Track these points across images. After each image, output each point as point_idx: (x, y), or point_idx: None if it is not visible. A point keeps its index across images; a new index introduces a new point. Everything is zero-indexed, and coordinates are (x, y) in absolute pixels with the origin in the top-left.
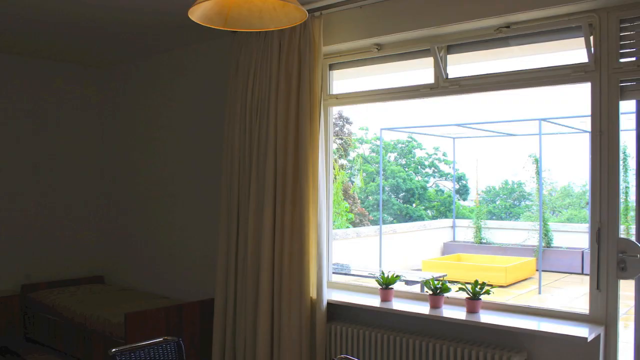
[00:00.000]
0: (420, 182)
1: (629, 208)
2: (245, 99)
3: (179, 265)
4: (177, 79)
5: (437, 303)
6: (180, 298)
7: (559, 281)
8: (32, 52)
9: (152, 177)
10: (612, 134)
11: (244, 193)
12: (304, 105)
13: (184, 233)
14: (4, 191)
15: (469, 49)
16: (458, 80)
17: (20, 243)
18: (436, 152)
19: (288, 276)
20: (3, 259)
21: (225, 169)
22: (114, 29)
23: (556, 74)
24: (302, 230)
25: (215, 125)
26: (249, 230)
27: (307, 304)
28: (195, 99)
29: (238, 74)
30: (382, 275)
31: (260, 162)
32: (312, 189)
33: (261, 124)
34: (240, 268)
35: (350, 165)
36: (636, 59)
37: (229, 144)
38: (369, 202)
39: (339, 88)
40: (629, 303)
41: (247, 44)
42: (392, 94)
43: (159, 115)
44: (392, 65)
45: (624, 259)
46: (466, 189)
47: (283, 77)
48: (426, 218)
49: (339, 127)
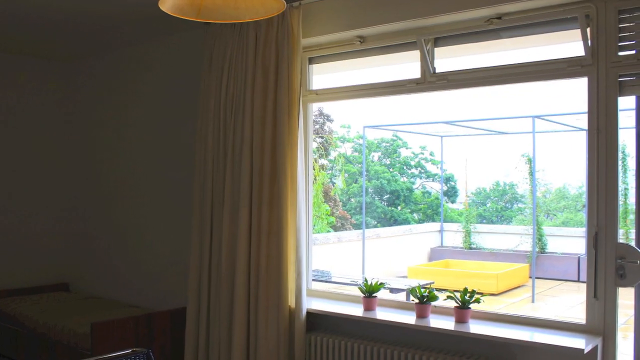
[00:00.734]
0: (406, 183)
1: (628, 211)
2: (220, 94)
3: (148, 272)
4: (146, 73)
5: (424, 312)
6: (150, 307)
7: (553, 289)
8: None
9: (121, 177)
10: (611, 132)
11: (218, 195)
12: (281, 102)
13: (154, 237)
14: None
15: (457, 42)
16: (446, 74)
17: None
18: (423, 152)
19: (265, 283)
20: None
21: (198, 169)
22: (79, 20)
23: (551, 68)
24: (279, 234)
25: (188, 122)
26: (224, 234)
27: (285, 313)
28: (165, 95)
29: (211, 68)
30: (365, 283)
31: (236, 162)
32: (290, 191)
33: (236, 121)
34: (214, 274)
35: (331, 166)
36: (636, 52)
37: (202, 142)
38: (351, 205)
39: (319, 83)
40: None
41: (221, 36)
42: (376, 90)
43: (127, 112)
44: (375, 59)
45: (622, 265)
46: (455, 190)
47: (260, 72)
48: (412, 222)
49: (319, 124)
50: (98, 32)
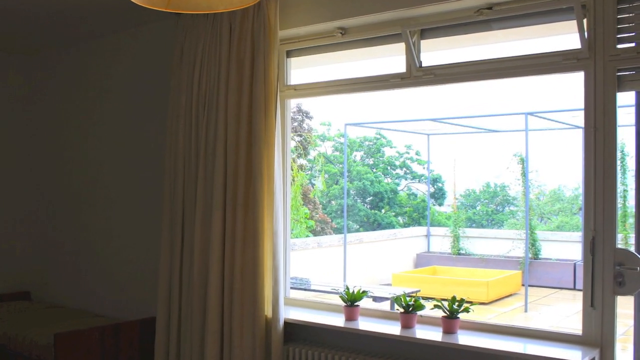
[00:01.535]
0: (390, 184)
1: (627, 214)
2: (191, 90)
3: (115, 279)
4: (113, 67)
5: (410, 322)
6: (118, 316)
7: (547, 297)
8: None
9: (86, 178)
10: (609, 130)
11: (190, 197)
12: (257, 98)
13: (121, 242)
14: None
15: (445, 34)
16: (433, 69)
17: None
18: (408, 151)
19: (240, 291)
20: None
21: (168, 169)
22: (42, 10)
23: (545, 62)
24: (255, 239)
25: (157, 120)
26: (195, 239)
27: (261, 323)
28: (134, 91)
29: (183, 62)
30: (347, 291)
31: (209, 162)
32: (267, 193)
33: (209, 118)
34: (186, 282)
35: (311, 166)
36: (635, 45)
37: (172, 141)
38: (332, 208)
39: (297, 78)
40: (628, 322)
41: (193, 28)
42: (358, 85)
43: (93, 109)
44: (358, 52)
45: (621, 272)
46: (442, 192)
47: (234, 66)
48: (397, 226)
49: (297, 122)
50: (62, 23)
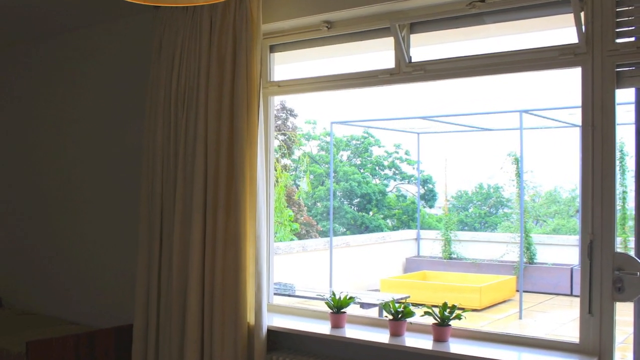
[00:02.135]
0: (379, 185)
1: (626, 217)
2: (170, 86)
3: (90, 285)
4: (88, 63)
5: (399, 330)
6: (93, 324)
7: (543, 304)
8: None
9: (59, 179)
10: (607, 129)
11: (169, 198)
12: (239, 95)
13: (97, 246)
14: None
15: (436, 28)
16: (423, 64)
17: None
18: (397, 151)
19: (221, 298)
20: None
21: (146, 170)
22: (12, 1)
23: (540, 57)
24: (237, 242)
25: (134, 117)
26: (174, 242)
27: (243, 331)
28: (110, 87)
29: (161, 57)
30: (333, 297)
31: (188, 162)
32: (249, 194)
33: (189, 116)
34: (164, 288)
35: (295, 166)
36: (635, 39)
37: (150, 140)
38: (317, 210)
39: (281, 74)
40: (627, 330)
41: (172, 22)
42: (345, 81)
43: (66, 107)
44: (344, 47)
45: (620, 277)
46: (433, 194)
47: (215, 61)
48: (385, 229)
49: (281, 120)
50: (34, 15)
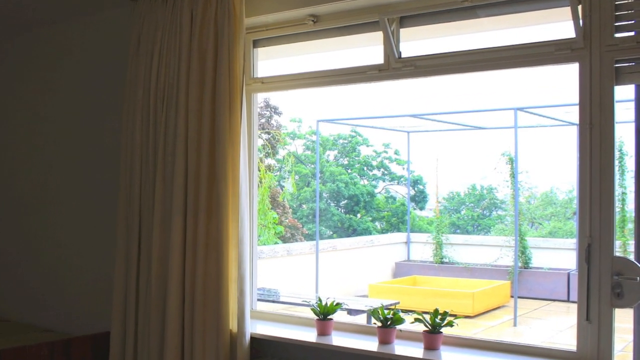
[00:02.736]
0: (367, 187)
1: (626, 219)
2: (149, 83)
3: (66, 291)
4: (62, 58)
5: (388, 337)
6: (68, 331)
7: (539, 310)
8: None
9: (32, 180)
10: (606, 127)
11: (147, 201)
12: (221, 92)
13: (72, 250)
14: None
15: (427, 22)
16: (413, 60)
17: None
18: (386, 150)
19: (202, 304)
20: None
21: (124, 170)
22: None
23: (536, 52)
24: (219, 246)
25: (111, 116)
26: (154, 246)
27: (225, 339)
28: (85, 84)
29: (139, 52)
30: (319, 303)
31: (168, 162)
32: (231, 196)
33: (168, 114)
34: (143, 294)
35: (280, 166)
36: (635, 34)
37: (128, 140)
38: (303, 212)
39: (265, 70)
40: (626, 337)
41: (151, 15)
42: (332, 78)
43: (40, 105)
44: (331, 41)
45: (620, 282)
46: (424, 195)
47: (196, 57)
48: (374, 232)
49: (265, 118)
50: (5, 9)
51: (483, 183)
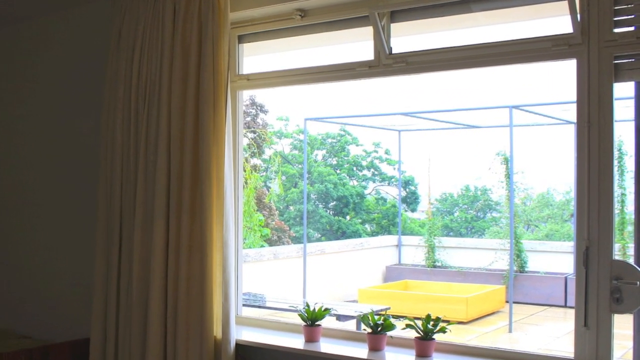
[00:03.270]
0: (356, 187)
1: (625, 221)
2: (130, 80)
3: (44, 296)
4: (41, 54)
5: (378, 344)
6: (47, 337)
7: (535, 316)
8: None
9: (8, 181)
10: (604, 126)
11: (129, 202)
12: (205, 89)
13: (50, 254)
14: None
15: (419, 16)
16: (405, 56)
17: None
18: (377, 150)
19: (185, 309)
20: None
21: (104, 171)
22: None
23: (532, 48)
24: (203, 250)
25: (92, 114)
26: (135, 249)
27: (209, 345)
28: (65, 81)
29: (120, 48)
30: (307, 309)
31: (150, 162)
32: (216, 197)
33: (150, 112)
34: (124, 299)
35: (266, 167)
36: (635, 29)
37: (108, 138)
38: (290, 214)
39: (251, 66)
40: (626, 344)
41: (132, 9)
42: (320, 75)
43: (18, 101)
44: (319, 37)
45: (619, 287)
46: (415, 196)
47: (179, 52)
48: (364, 234)
49: (250, 116)
50: None
51: (477, 184)
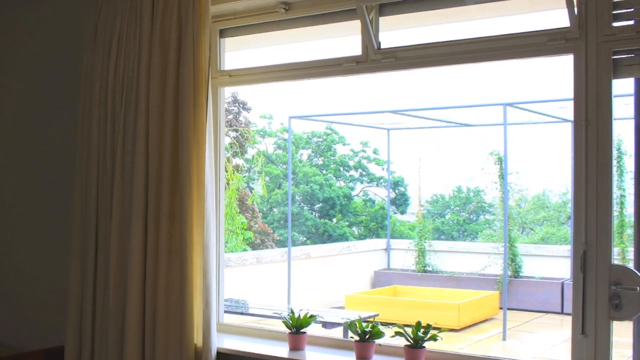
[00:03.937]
0: (343, 189)
1: (624, 224)
2: (107, 76)
3: (16, 302)
4: (13, 49)
5: (366, 352)
6: (19, 345)
7: (530, 323)
8: None
9: None
10: (603, 124)
11: (105, 204)
12: (185, 86)
13: (22, 258)
14: None
15: (408, 9)
16: (394, 51)
17: None
18: (364, 149)
19: (164, 316)
20: None
21: (79, 172)
22: None
23: (527, 43)
24: (183, 254)
25: (66, 112)
26: (112, 253)
27: (189, 354)
28: (37, 77)
29: (96, 42)
30: (292, 315)
31: (127, 162)
32: (196, 199)
33: (128, 110)
34: (100, 305)
35: (249, 167)
36: (634, 23)
37: (84, 137)
38: (274, 216)
39: (233, 62)
40: (626, 352)
41: (109, 3)
42: (305, 71)
43: None
44: (305, 31)
45: (618, 293)
46: (405, 198)
47: (157, 48)
48: (351, 238)
49: (233, 114)
50: None
51: (469, 185)
